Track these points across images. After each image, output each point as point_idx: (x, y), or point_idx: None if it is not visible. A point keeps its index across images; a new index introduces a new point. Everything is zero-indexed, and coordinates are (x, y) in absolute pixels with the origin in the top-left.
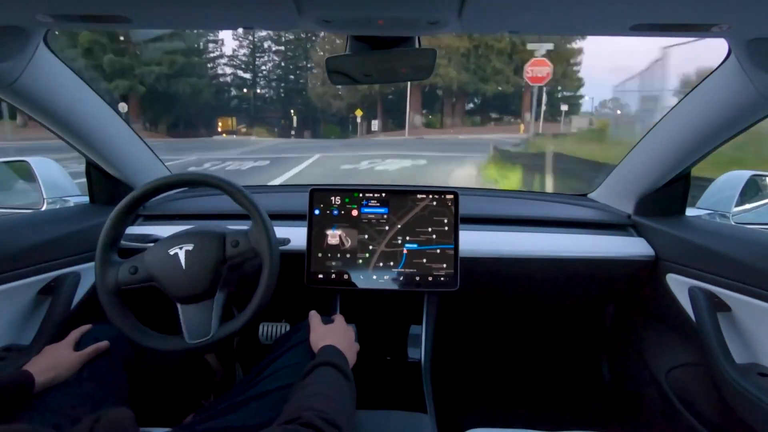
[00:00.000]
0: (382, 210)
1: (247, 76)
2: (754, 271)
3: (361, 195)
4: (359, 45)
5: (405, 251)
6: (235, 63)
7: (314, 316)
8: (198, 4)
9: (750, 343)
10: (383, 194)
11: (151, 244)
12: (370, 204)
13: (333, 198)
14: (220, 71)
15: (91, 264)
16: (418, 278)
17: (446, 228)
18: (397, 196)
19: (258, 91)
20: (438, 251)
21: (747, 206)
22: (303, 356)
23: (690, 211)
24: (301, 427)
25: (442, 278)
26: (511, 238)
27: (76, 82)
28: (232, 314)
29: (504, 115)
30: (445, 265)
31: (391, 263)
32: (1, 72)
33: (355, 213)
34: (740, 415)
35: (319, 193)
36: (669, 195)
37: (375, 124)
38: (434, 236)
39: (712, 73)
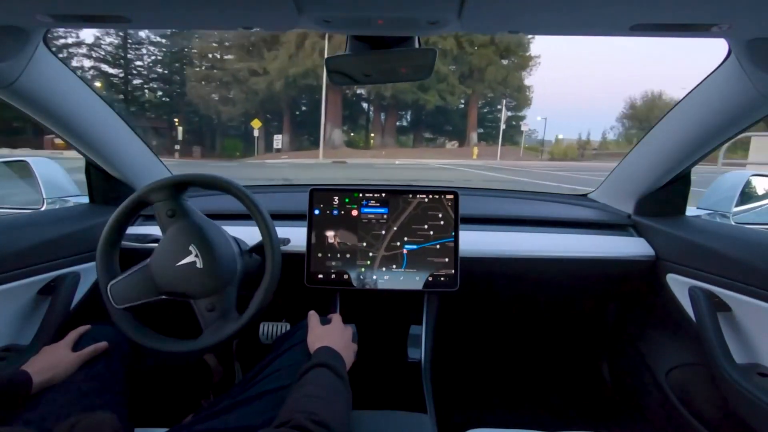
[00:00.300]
0: (382, 210)
1: (116, 72)
2: (754, 271)
3: (361, 195)
4: (359, 45)
5: (405, 251)
6: (98, 54)
7: (313, 317)
8: (197, 4)
9: (750, 343)
10: (383, 194)
11: (152, 245)
12: (370, 204)
13: (333, 198)
14: (76, 63)
15: (91, 264)
16: (418, 278)
17: (446, 228)
18: (397, 196)
19: (131, 92)
20: (438, 251)
21: (747, 206)
22: (302, 356)
23: (690, 211)
24: (291, 429)
25: (442, 278)
26: (511, 238)
27: (76, 82)
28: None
29: (439, 135)
30: (445, 265)
31: (391, 263)
32: (1, 72)
33: (355, 213)
34: (740, 415)
35: (319, 193)
36: (669, 195)
37: (278, 140)
38: (434, 236)
39: (712, 73)
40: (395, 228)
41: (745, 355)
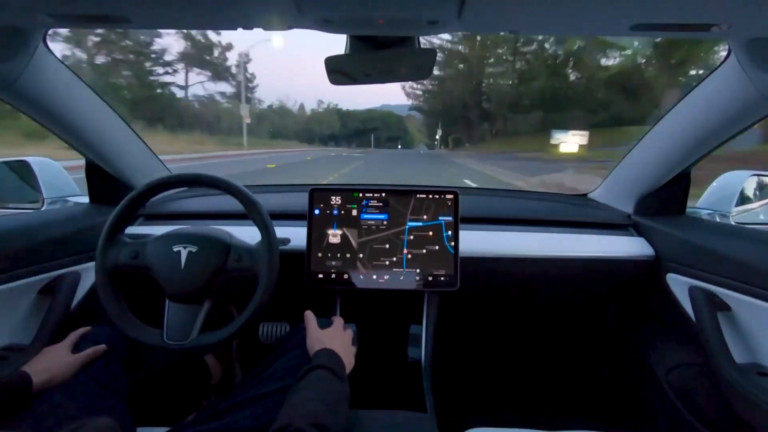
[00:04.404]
0: (382, 210)
1: None
2: (754, 270)
3: (361, 195)
4: (359, 44)
5: (405, 251)
6: None
7: (310, 318)
8: (198, 4)
9: (750, 343)
10: (383, 194)
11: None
12: (370, 204)
13: (333, 198)
14: None
15: (91, 264)
16: (418, 278)
17: (446, 227)
18: (397, 196)
19: None
20: (438, 251)
21: (747, 206)
22: (302, 358)
23: (690, 211)
24: None
25: (442, 278)
26: (511, 238)
27: (76, 82)
28: (220, 323)
29: None
30: (445, 265)
31: (391, 263)
32: (1, 72)
33: (355, 213)
34: (740, 414)
35: (319, 193)
36: (669, 195)
37: None
38: (434, 236)
39: (712, 72)
40: (395, 228)
41: (744, 355)
